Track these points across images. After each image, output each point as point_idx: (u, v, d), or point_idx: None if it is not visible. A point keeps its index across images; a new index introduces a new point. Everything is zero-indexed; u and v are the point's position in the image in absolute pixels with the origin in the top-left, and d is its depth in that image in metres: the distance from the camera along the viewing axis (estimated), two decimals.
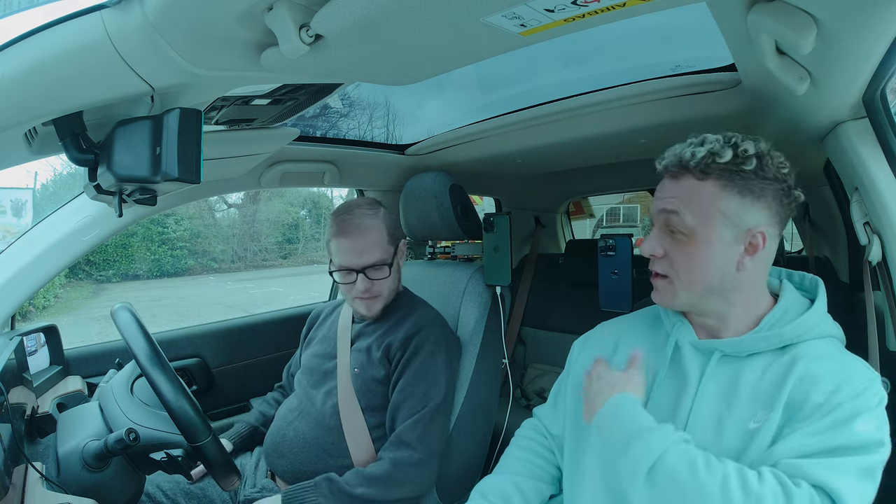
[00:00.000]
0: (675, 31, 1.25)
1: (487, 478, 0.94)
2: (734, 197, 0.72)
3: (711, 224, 0.72)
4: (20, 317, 1.25)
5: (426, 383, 1.16)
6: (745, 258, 0.73)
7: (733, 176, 0.72)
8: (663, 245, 0.77)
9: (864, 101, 0.80)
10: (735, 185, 0.72)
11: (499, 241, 1.42)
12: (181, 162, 0.70)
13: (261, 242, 13.27)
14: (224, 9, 0.57)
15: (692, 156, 0.73)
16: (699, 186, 0.73)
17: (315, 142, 1.54)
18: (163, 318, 7.43)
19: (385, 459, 1.10)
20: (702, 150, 0.73)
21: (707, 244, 0.73)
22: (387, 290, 1.24)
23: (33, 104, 0.67)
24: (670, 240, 0.76)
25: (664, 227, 0.77)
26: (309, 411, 1.23)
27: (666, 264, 0.77)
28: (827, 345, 0.73)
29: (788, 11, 0.60)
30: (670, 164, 0.77)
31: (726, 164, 0.72)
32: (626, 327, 0.92)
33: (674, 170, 0.76)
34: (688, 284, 0.75)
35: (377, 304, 1.23)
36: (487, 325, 1.36)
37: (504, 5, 0.57)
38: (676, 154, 0.76)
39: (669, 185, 0.77)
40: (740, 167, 0.71)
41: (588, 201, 3.94)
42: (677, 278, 0.76)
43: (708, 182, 0.73)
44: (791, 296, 0.78)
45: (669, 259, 0.76)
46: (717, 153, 0.72)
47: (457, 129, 1.57)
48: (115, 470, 0.89)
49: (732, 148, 0.72)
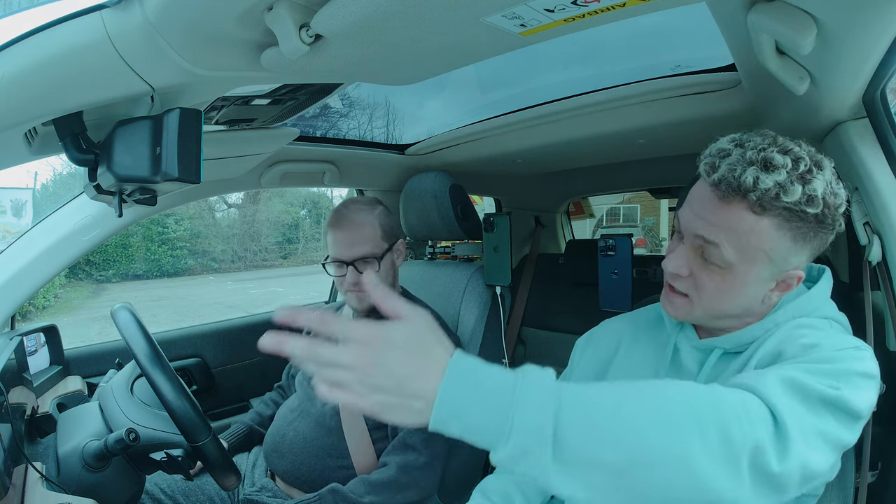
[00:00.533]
0: (675, 31, 1.25)
1: (488, 478, 0.93)
2: (787, 241, 0.63)
3: (753, 264, 0.65)
4: (20, 317, 1.25)
5: None
6: (773, 294, 0.68)
7: (792, 217, 0.62)
8: (691, 266, 0.69)
9: (864, 101, 0.80)
10: (791, 227, 0.63)
11: (499, 241, 1.42)
12: (181, 162, 0.70)
13: (261, 242, 13.27)
14: (224, 9, 0.57)
15: (755, 185, 0.61)
16: (753, 222, 0.63)
17: (315, 142, 1.54)
18: (163, 319, 7.43)
19: (391, 464, 1.10)
20: (769, 181, 0.60)
21: (742, 282, 0.66)
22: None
23: (33, 104, 0.67)
24: (700, 263, 0.68)
25: (697, 250, 0.68)
26: (309, 411, 1.23)
27: (689, 285, 0.70)
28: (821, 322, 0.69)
29: (788, 11, 0.60)
30: (723, 184, 0.63)
31: (790, 205, 0.61)
32: (629, 326, 0.90)
33: (725, 191, 0.63)
34: (708, 310, 0.70)
35: (366, 300, 1.24)
36: (487, 325, 1.36)
37: (504, 5, 0.57)
38: (734, 173, 0.62)
39: (715, 208, 0.65)
40: (804, 210, 0.61)
41: (588, 201, 3.94)
42: (698, 301, 0.70)
43: (764, 219, 0.62)
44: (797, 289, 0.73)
45: (695, 281, 0.69)
46: (785, 189, 0.60)
47: (457, 129, 1.57)
48: (115, 470, 0.89)
49: (801, 183, 0.61)
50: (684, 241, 0.70)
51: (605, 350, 0.88)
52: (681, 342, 0.78)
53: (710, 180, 0.65)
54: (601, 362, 0.88)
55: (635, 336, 0.87)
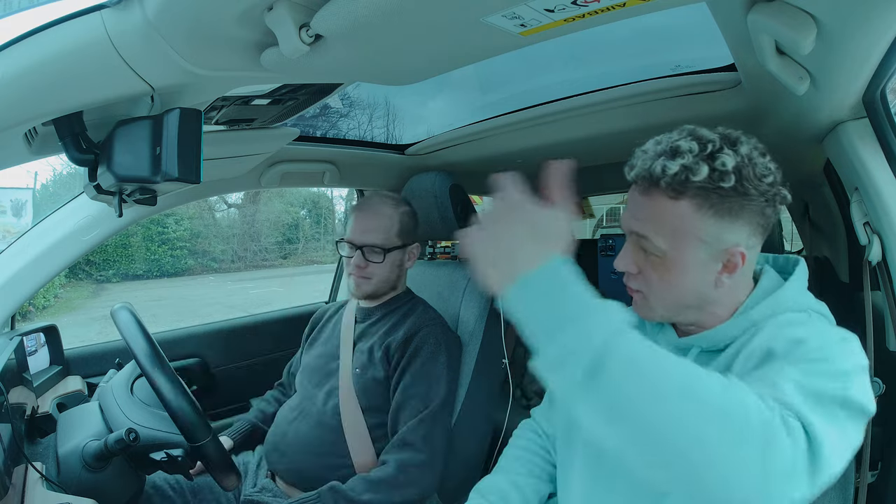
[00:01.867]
0: (675, 31, 1.25)
1: (486, 478, 0.93)
2: (709, 218, 0.65)
3: (685, 247, 0.66)
4: (20, 317, 1.25)
5: (427, 384, 1.17)
6: (723, 276, 0.68)
7: (710, 195, 0.64)
8: (636, 262, 0.72)
9: (864, 101, 0.80)
10: (711, 204, 0.64)
11: None
12: (181, 162, 0.70)
13: (261, 242, 13.27)
14: (224, 9, 0.57)
15: (663, 171, 0.64)
16: (671, 207, 0.66)
17: (315, 142, 1.54)
18: (163, 319, 7.43)
19: (389, 462, 1.10)
20: (674, 166, 0.64)
21: (681, 267, 0.67)
22: (379, 276, 1.25)
23: (33, 104, 0.67)
24: (643, 257, 0.71)
25: (637, 247, 0.71)
26: (310, 411, 1.23)
27: (640, 281, 0.72)
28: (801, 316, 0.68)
29: (788, 11, 0.60)
30: (640, 178, 0.68)
31: (702, 183, 0.63)
32: None
33: (644, 185, 0.68)
34: (664, 302, 0.71)
35: (366, 285, 1.26)
36: (487, 325, 1.36)
37: (504, 5, 0.57)
38: (646, 167, 0.67)
39: (639, 203, 0.69)
40: (717, 185, 0.63)
41: (588, 201, 3.94)
42: (652, 295, 0.72)
43: (682, 202, 0.65)
44: (769, 279, 0.73)
45: (644, 276, 0.71)
46: (691, 169, 0.63)
47: (457, 129, 1.57)
48: (115, 470, 0.89)
49: (708, 162, 0.64)
50: (628, 240, 0.74)
51: None
52: (660, 342, 0.77)
53: (630, 178, 0.70)
54: None
55: None
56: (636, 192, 0.70)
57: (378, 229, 1.23)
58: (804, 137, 1.04)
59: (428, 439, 1.12)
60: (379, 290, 1.28)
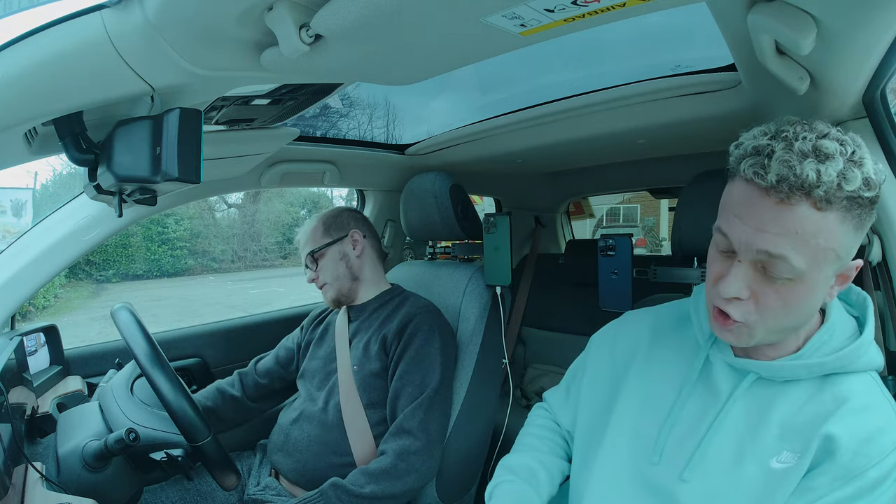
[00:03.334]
0: (675, 31, 1.25)
1: (511, 456, 0.91)
2: (850, 232, 0.57)
3: (823, 265, 0.58)
4: (20, 317, 1.25)
5: (423, 370, 1.18)
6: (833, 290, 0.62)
7: (853, 206, 0.56)
8: (751, 286, 0.61)
9: (864, 101, 0.80)
10: (853, 217, 0.57)
11: (499, 241, 1.41)
12: (181, 162, 0.70)
13: (261, 242, 13.26)
14: (224, 9, 0.57)
15: (818, 179, 0.54)
16: (819, 221, 0.56)
17: (315, 142, 1.54)
18: (163, 319, 7.43)
19: (388, 452, 1.11)
20: (830, 173, 0.54)
21: (811, 289, 0.59)
22: (329, 276, 1.32)
23: (33, 104, 0.67)
24: (761, 280, 0.60)
25: (758, 267, 0.60)
26: (311, 411, 1.24)
27: (749, 309, 0.61)
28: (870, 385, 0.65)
29: (788, 11, 0.60)
30: (784, 184, 0.55)
31: (852, 192, 0.55)
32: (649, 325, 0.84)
33: (787, 192, 0.55)
34: (775, 329, 0.62)
35: (327, 291, 1.33)
36: (487, 325, 1.36)
37: (504, 5, 0.56)
38: (793, 170, 0.55)
39: (775, 215, 0.57)
40: (861, 195, 0.56)
41: (588, 201, 3.94)
42: (762, 323, 0.62)
43: (830, 215, 0.56)
44: (838, 315, 0.68)
45: (756, 302, 0.61)
46: (846, 177, 0.55)
47: (457, 129, 1.57)
48: (115, 470, 0.89)
49: (858, 167, 0.56)
50: (741, 260, 0.61)
51: (623, 351, 0.84)
52: (713, 356, 0.72)
53: (766, 183, 0.56)
54: (619, 365, 0.83)
55: (657, 337, 0.81)
56: (770, 200, 0.57)
57: (307, 242, 1.35)
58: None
59: (424, 425, 1.13)
60: (342, 288, 1.32)
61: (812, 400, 0.64)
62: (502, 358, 1.43)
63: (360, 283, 1.35)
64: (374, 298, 1.34)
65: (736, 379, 0.70)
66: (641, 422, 0.76)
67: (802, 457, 0.61)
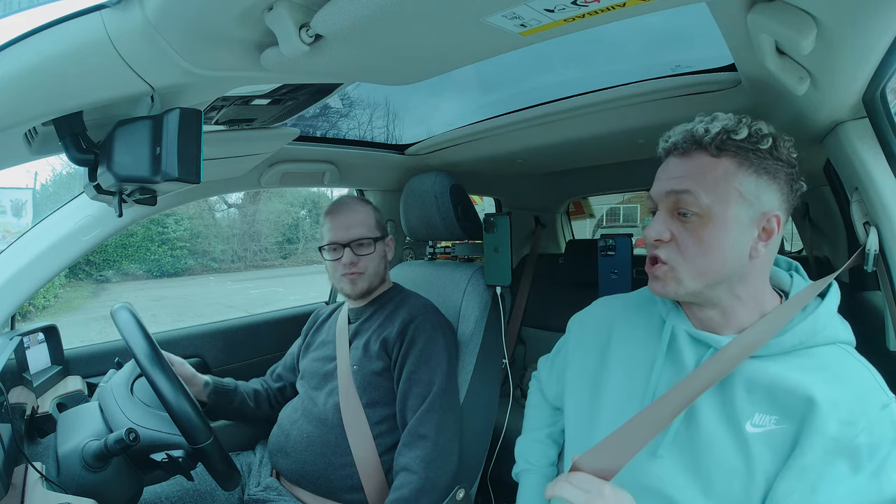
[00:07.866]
0: (675, 31, 1.25)
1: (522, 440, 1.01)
2: (751, 175, 0.68)
3: (728, 203, 0.68)
4: (20, 317, 1.25)
5: (429, 368, 1.18)
6: (759, 244, 0.69)
7: (749, 154, 0.68)
8: (670, 228, 0.71)
9: (864, 101, 0.80)
10: (751, 163, 0.68)
11: (499, 241, 1.42)
12: (181, 162, 0.70)
13: (261, 242, 13.27)
14: (224, 9, 0.57)
15: (706, 131, 0.69)
16: (714, 163, 0.69)
17: (315, 142, 1.54)
18: (163, 319, 7.43)
19: (413, 468, 1.10)
20: (716, 126, 0.69)
21: (723, 225, 0.68)
22: (371, 269, 1.28)
23: (33, 104, 0.67)
24: (679, 223, 0.71)
25: (672, 210, 0.71)
26: (311, 411, 1.24)
27: (672, 250, 0.71)
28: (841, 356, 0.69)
29: (788, 11, 0.60)
30: (680, 141, 0.71)
31: (742, 142, 0.68)
32: (620, 307, 0.89)
33: (684, 147, 0.71)
34: (697, 272, 0.70)
35: (361, 282, 1.28)
36: (487, 325, 1.36)
37: (504, 5, 0.56)
38: (687, 130, 0.71)
39: (678, 164, 0.72)
40: (756, 146, 0.68)
41: (588, 201, 3.94)
42: (684, 265, 0.70)
43: (723, 159, 0.68)
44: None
45: (677, 244, 0.71)
46: (733, 130, 0.68)
47: (457, 129, 1.57)
48: (115, 470, 0.89)
49: (747, 126, 0.69)
50: (659, 208, 0.73)
51: (597, 332, 0.88)
52: (678, 328, 0.77)
53: (667, 147, 0.74)
54: (598, 345, 0.87)
55: (627, 317, 0.86)
56: (674, 158, 0.73)
57: (361, 223, 1.28)
58: (804, 137, 1.04)
59: (442, 428, 1.13)
60: (373, 284, 1.30)
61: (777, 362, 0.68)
62: (502, 358, 1.43)
63: (382, 284, 1.36)
64: (375, 299, 1.34)
65: (699, 351, 0.74)
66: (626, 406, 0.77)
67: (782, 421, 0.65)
